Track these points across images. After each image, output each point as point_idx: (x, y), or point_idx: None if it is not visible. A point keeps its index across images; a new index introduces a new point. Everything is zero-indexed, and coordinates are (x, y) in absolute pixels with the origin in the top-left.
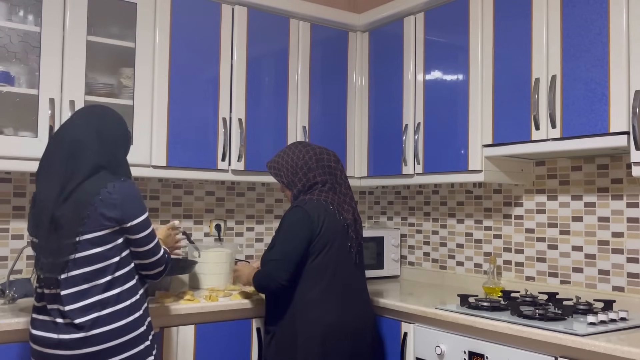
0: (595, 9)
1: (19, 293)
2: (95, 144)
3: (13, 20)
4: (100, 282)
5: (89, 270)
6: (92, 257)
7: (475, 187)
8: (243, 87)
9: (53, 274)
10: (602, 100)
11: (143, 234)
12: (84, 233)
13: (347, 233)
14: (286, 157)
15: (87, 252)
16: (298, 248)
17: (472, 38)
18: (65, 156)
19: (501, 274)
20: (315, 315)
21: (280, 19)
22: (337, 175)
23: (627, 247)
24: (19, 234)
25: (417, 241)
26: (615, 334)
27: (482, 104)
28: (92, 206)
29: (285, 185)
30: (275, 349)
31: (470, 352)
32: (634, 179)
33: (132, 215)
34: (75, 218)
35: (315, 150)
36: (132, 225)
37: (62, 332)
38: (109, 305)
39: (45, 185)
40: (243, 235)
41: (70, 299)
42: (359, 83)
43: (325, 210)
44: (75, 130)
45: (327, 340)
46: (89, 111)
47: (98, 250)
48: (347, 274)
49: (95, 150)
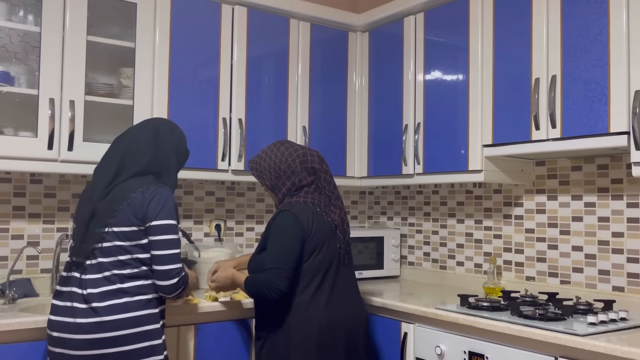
0: (595, 9)
1: (19, 293)
2: (149, 151)
3: (13, 20)
4: (123, 272)
5: (112, 260)
6: (117, 249)
7: (475, 187)
8: (243, 87)
9: (79, 258)
10: (602, 100)
11: (162, 237)
12: (113, 225)
13: (335, 234)
14: (268, 159)
15: (113, 243)
16: (294, 253)
17: (472, 38)
18: (120, 156)
19: (501, 274)
20: (308, 316)
21: (280, 19)
22: (321, 177)
23: (627, 247)
24: (19, 234)
25: (417, 241)
26: (615, 334)
27: (482, 104)
28: (126, 202)
29: (269, 189)
30: (268, 355)
31: (470, 352)
32: (634, 179)
33: (155, 215)
34: (108, 210)
35: (298, 152)
36: (152, 225)
37: (80, 317)
38: (127, 295)
39: (97, 179)
40: (243, 235)
41: (92, 284)
42: (359, 83)
43: (313, 213)
44: (136, 135)
45: (322, 341)
46: (153, 121)
47: (123, 243)
48: (337, 275)
49: (147, 156)
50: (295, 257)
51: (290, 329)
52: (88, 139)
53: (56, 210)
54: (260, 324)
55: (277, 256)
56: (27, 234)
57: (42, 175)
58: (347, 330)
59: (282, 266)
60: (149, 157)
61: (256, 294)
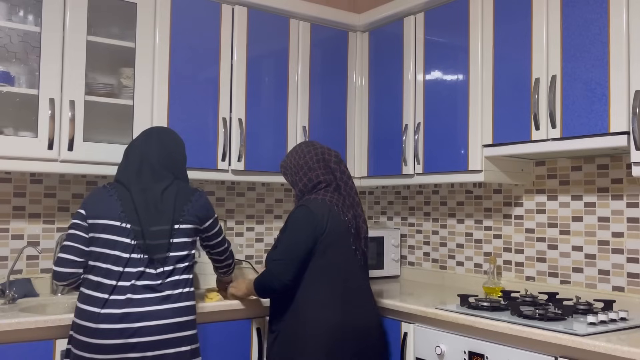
0: (595, 9)
1: (19, 293)
2: (180, 157)
3: (13, 20)
4: (183, 265)
5: (180, 255)
6: (183, 244)
7: (475, 187)
8: (243, 87)
9: (154, 255)
10: (602, 100)
11: (214, 231)
12: (181, 223)
13: (351, 234)
14: (291, 157)
15: (180, 239)
16: (303, 247)
17: (472, 38)
18: (156, 162)
19: (501, 274)
20: (320, 315)
21: (280, 19)
22: (337, 176)
23: (627, 247)
24: (19, 234)
25: (417, 241)
26: (615, 334)
27: (482, 104)
28: (190, 203)
29: (290, 184)
30: (279, 349)
31: (470, 352)
32: (634, 179)
33: (211, 214)
34: (176, 210)
35: (317, 150)
36: (211, 223)
37: (154, 304)
38: (187, 285)
39: (146, 181)
40: (243, 235)
41: (163, 276)
42: (359, 83)
43: (329, 210)
44: (167, 143)
45: (331, 340)
46: (169, 131)
47: (186, 239)
48: (352, 275)
49: (180, 162)
50: (304, 250)
51: (300, 327)
52: (88, 139)
53: (56, 210)
54: (273, 319)
55: (285, 248)
56: (27, 234)
57: (42, 175)
58: (359, 331)
59: (287, 258)
60: (181, 162)
61: (261, 287)
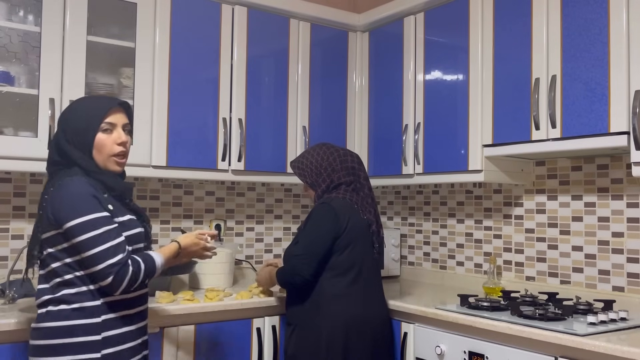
0: (595, 9)
1: (19, 293)
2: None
3: (13, 20)
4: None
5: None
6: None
7: (475, 187)
8: (243, 87)
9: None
10: (602, 100)
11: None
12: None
13: (370, 232)
14: (310, 157)
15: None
16: (323, 243)
17: (472, 38)
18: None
19: (501, 274)
20: (339, 309)
21: (280, 19)
22: (360, 176)
23: (627, 247)
24: (19, 234)
25: (417, 241)
26: (615, 334)
27: (482, 104)
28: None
29: (309, 185)
30: (297, 341)
31: (470, 352)
32: (634, 179)
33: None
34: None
35: (339, 152)
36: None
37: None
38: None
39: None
40: (243, 235)
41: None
42: (359, 83)
43: (350, 209)
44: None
45: (350, 334)
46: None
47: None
48: (370, 273)
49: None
50: (324, 247)
51: (319, 321)
52: None
53: None
54: (292, 313)
55: (306, 244)
56: (27, 234)
57: (42, 175)
58: (375, 327)
59: (307, 253)
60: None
61: (283, 282)
